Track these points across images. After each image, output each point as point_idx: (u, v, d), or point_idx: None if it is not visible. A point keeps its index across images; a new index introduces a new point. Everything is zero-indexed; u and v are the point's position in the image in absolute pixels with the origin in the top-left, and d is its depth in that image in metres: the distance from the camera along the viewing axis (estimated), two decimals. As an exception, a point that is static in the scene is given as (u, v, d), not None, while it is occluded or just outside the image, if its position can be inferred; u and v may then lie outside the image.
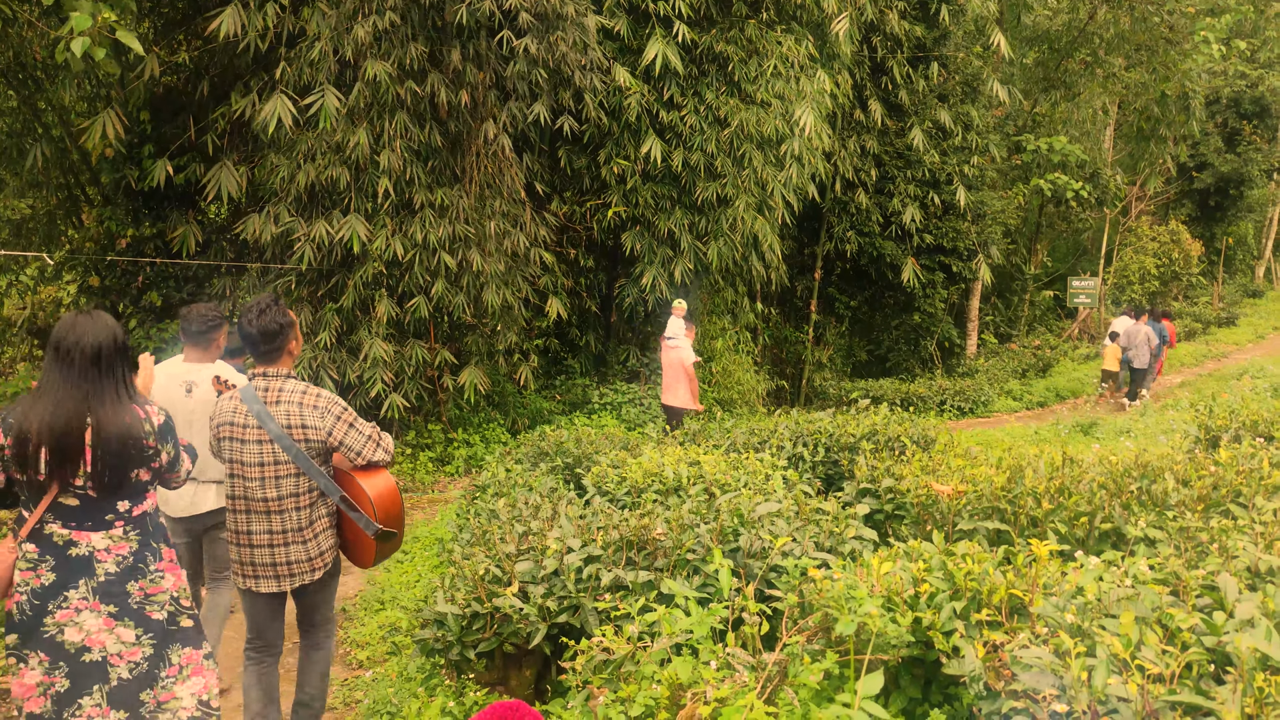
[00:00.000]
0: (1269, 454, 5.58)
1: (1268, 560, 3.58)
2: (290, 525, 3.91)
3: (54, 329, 3.28)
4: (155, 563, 3.45)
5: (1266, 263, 33.25)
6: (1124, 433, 12.51)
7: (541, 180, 12.48)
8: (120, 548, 3.36)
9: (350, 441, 3.91)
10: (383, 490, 3.98)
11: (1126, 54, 20.74)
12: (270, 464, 3.85)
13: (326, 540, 4.03)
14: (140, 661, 3.37)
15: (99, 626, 3.30)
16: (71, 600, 3.28)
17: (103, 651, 3.31)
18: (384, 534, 3.95)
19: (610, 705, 3.49)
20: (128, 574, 3.37)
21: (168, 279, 11.30)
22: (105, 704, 3.30)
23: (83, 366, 3.26)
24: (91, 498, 3.30)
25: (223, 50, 9.90)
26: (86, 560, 3.30)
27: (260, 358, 3.95)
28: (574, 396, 13.72)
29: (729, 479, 5.85)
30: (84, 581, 3.30)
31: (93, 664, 3.29)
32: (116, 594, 3.33)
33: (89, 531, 3.32)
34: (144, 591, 3.40)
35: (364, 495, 3.93)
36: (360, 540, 4.02)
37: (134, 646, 3.36)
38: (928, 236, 18.19)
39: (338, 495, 3.94)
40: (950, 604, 3.65)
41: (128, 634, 3.35)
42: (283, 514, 3.89)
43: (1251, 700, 2.59)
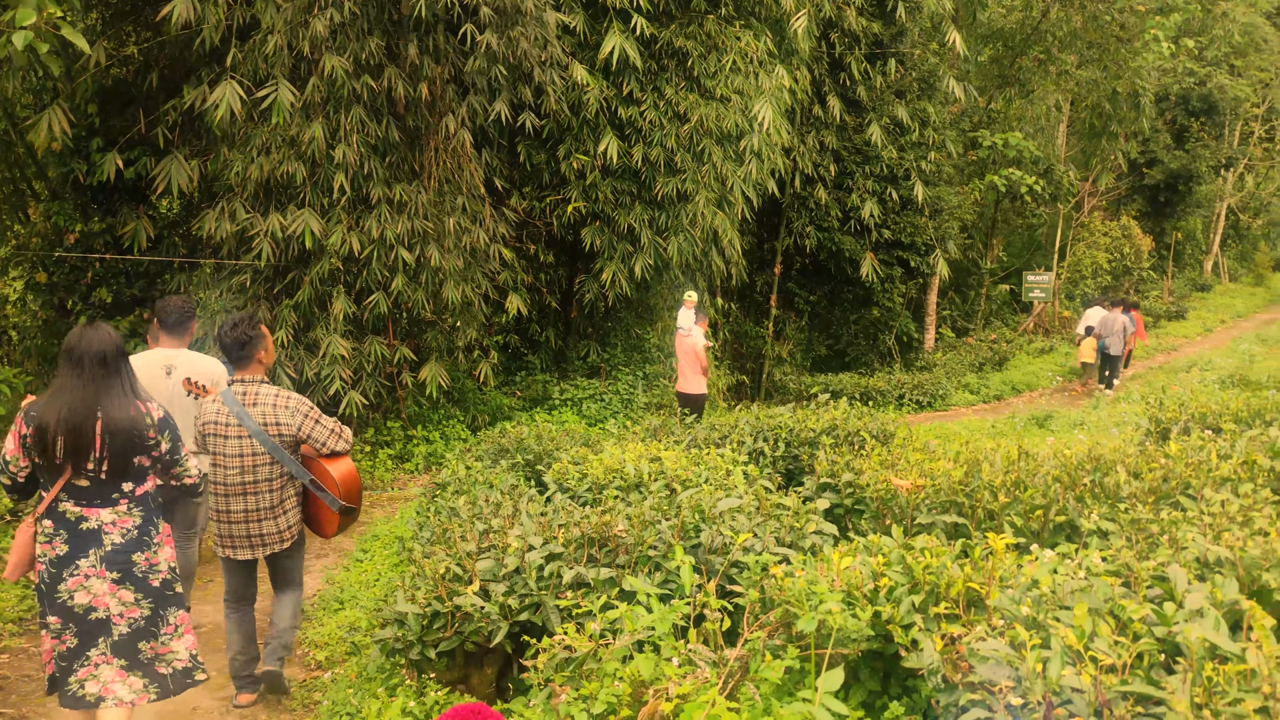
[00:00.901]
0: (1217, 446, 5.70)
1: (1216, 551, 3.65)
2: (264, 504, 4.78)
3: (66, 339, 3.94)
4: (155, 535, 4.09)
5: (1214, 257, 33.90)
6: (1077, 425, 12.72)
7: (500, 176, 12.41)
8: (125, 522, 3.98)
9: (316, 434, 4.80)
10: (345, 473, 4.88)
11: (1079, 51, 21.04)
12: (249, 455, 4.71)
13: (294, 516, 4.92)
14: (138, 619, 4.00)
15: (104, 590, 3.93)
16: (82, 568, 3.89)
17: (106, 611, 3.93)
18: (346, 509, 4.85)
19: (572, 703, 3.49)
20: (133, 545, 3.99)
21: (118, 275, 11.10)
22: (109, 653, 3.97)
23: (92, 369, 3.87)
24: (100, 479, 3.91)
25: (174, 42, 9.74)
26: (95, 533, 3.92)
27: (234, 363, 4.79)
28: (534, 393, 13.69)
29: (690, 475, 5.86)
30: (93, 551, 3.90)
31: (98, 621, 3.93)
32: (121, 562, 3.95)
33: (98, 508, 3.93)
34: (147, 561, 4.03)
35: (329, 477, 4.83)
36: (324, 515, 4.90)
37: (133, 606, 3.99)
38: (886, 232, 18.35)
39: (307, 478, 4.80)
40: (909, 598, 3.69)
41: (128, 596, 3.98)
42: (258, 494, 4.76)
43: (1201, 690, 2.65)
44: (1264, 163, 32.21)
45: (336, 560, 7.83)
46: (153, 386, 5.21)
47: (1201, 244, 33.67)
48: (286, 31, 9.14)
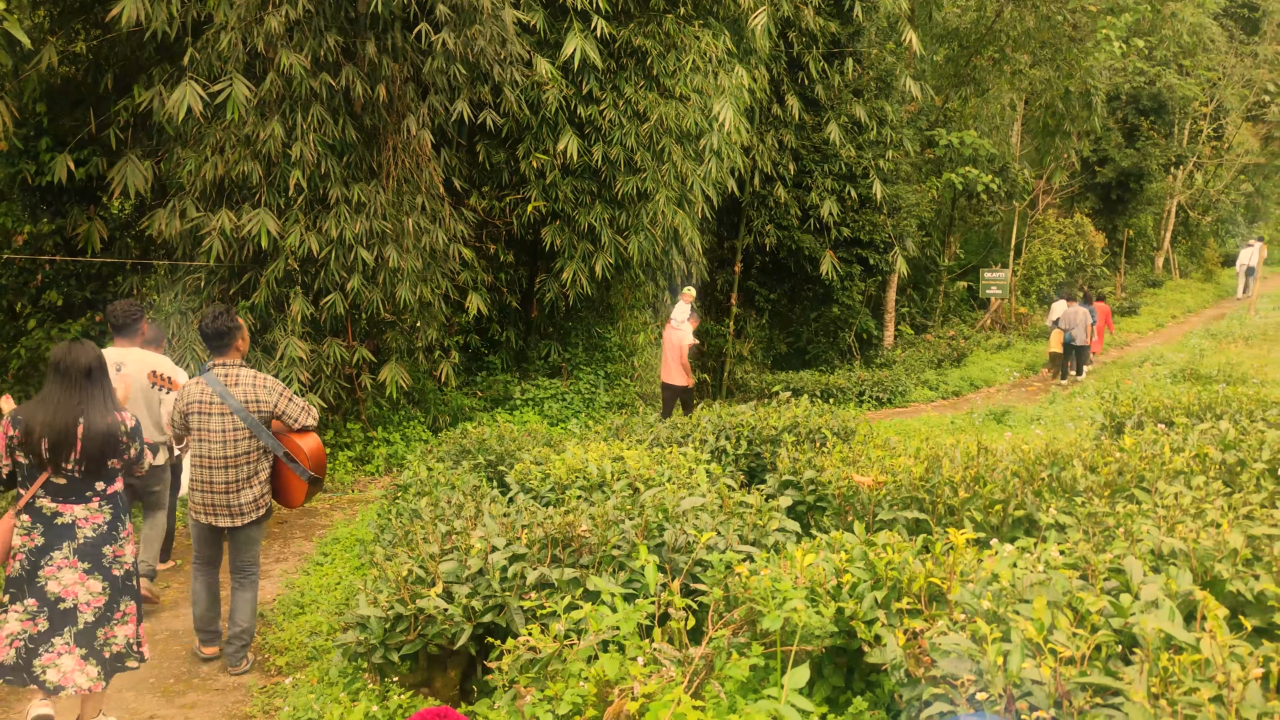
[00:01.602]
0: (1169, 440, 5.80)
1: (1170, 543, 3.72)
2: (242, 475, 5.35)
3: (53, 352, 4.45)
4: (123, 531, 4.59)
5: (1165, 254, 34.49)
6: (1035, 420, 12.89)
7: (460, 175, 12.34)
8: (96, 518, 4.46)
9: (290, 411, 5.40)
10: (313, 447, 5.50)
11: (1032, 51, 21.30)
12: (230, 430, 5.28)
13: (265, 487, 5.48)
14: (101, 608, 4.45)
15: (74, 580, 4.37)
16: (55, 559, 4.35)
17: (74, 600, 4.38)
18: (314, 479, 5.45)
19: (537, 704, 3.48)
20: (103, 539, 4.48)
21: (69, 277, 10.90)
22: (72, 642, 4.36)
23: (76, 380, 4.39)
24: (77, 478, 4.39)
25: (125, 40, 9.57)
26: (70, 527, 4.39)
27: (215, 351, 5.38)
28: (495, 393, 13.63)
29: (653, 474, 5.87)
30: (66, 544, 4.37)
31: (66, 610, 4.36)
32: (91, 554, 4.42)
33: (73, 504, 4.40)
34: (114, 553, 4.51)
35: (300, 450, 5.44)
36: (293, 484, 5.47)
37: (100, 596, 4.44)
38: (845, 230, 18.47)
39: (281, 451, 5.39)
40: (871, 594, 3.72)
41: (95, 585, 4.43)
42: (238, 467, 5.33)
43: (1157, 680, 2.69)
44: (1212, 161, 32.82)
45: (296, 564, 7.75)
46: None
47: (1153, 241, 34.24)
48: (241, 28, 9.01)
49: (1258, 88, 31.65)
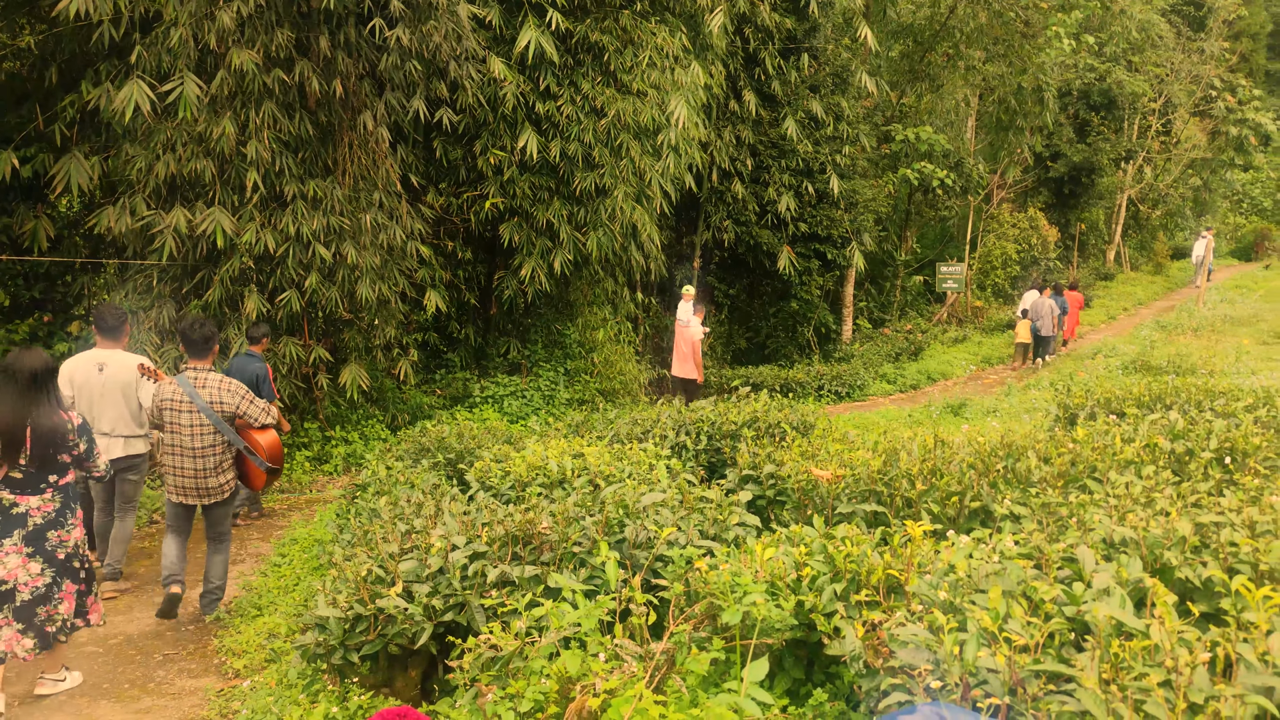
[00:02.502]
0: (1121, 430, 5.91)
1: (1121, 532, 3.79)
2: (209, 465, 6.09)
3: (4, 359, 4.91)
4: (70, 518, 5.12)
5: (1116, 247, 35.05)
6: (991, 413, 13.05)
7: (416, 172, 12.25)
8: (47, 507, 5.00)
9: (250, 411, 6.16)
10: (270, 441, 6.31)
11: (985, 47, 21.56)
12: (198, 425, 6.02)
13: (230, 473, 6.25)
14: (40, 588, 4.96)
15: (17, 564, 4.89)
16: (5, 545, 4.87)
17: (14, 581, 4.89)
18: (271, 469, 6.31)
19: (499, 702, 3.47)
20: (50, 525, 5.01)
21: (15, 276, 10.67)
22: (11, 617, 4.88)
23: (24, 384, 4.86)
24: (31, 472, 4.93)
25: (71, 35, 9.38)
26: (22, 516, 4.92)
27: (193, 354, 6.14)
28: (454, 391, 13.55)
29: (613, 470, 5.87)
30: (17, 531, 4.89)
31: (5, 591, 4.87)
32: (37, 540, 4.95)
33: (28, 495, 4.94)
34: (59, 538, 5.04)
35: (259, 445, 6.25)
36: (254, 473, 6.32)
37: (38, 577, 4.96)
38: (803, 225, 18.58)
39: (242, 445, 6.18)
40: (831, 586, 3.75)
41: (35, 568, 4.96)
42: (205, 457, 6.06)
43: (1108, 665, 2.74)
44: (1161, 155, 33.39)
45: (254, 565, 7.66)
46: (87, 380, 6.60)
47: (1104, 234, 34.78)
48: (191, 24, 8.88)
49: (1204, 83, 32.27)
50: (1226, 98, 31.14)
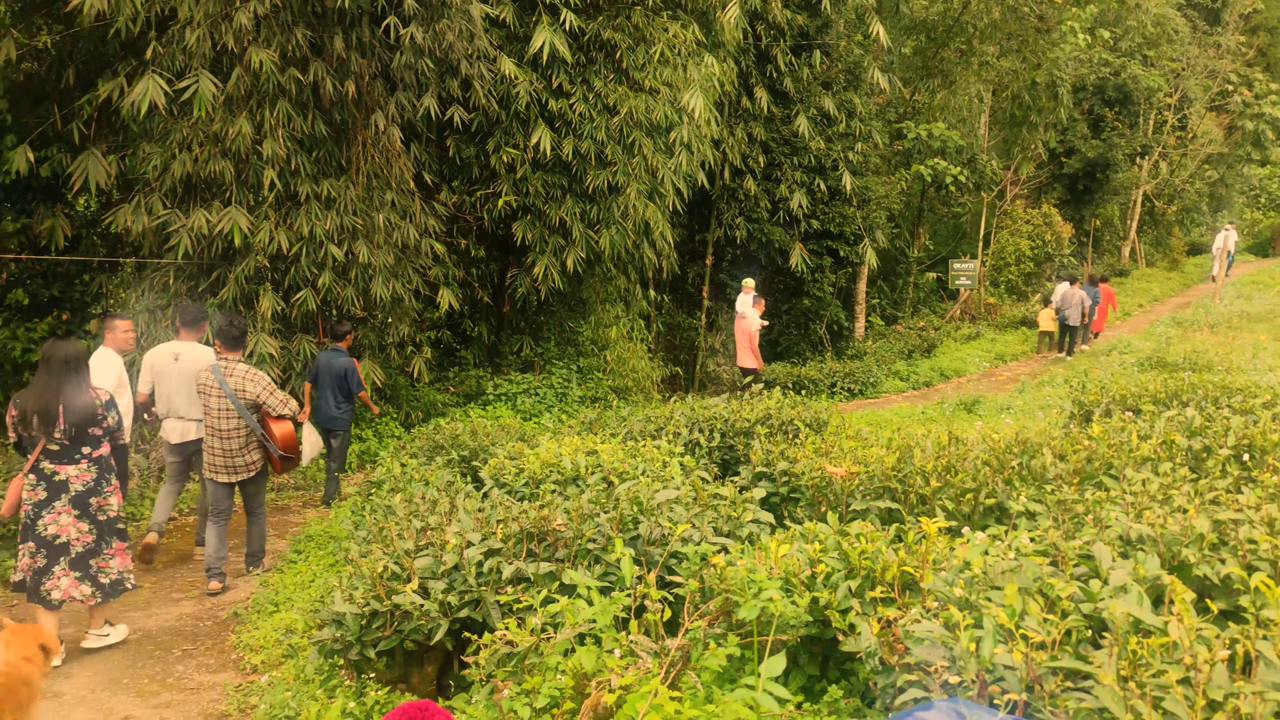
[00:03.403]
0: (1137, 427, 5.88)
1: (1138, 529, 3.78)
2: (235, 445, 6.84)
3: (43, 348, 5.64)
4: (107, 487, 5.79)
5: (1131, 243, 34.84)
6: (1005, 410, 13.01)
7: (430, 170, 12.27)
8: (85, 476, 5.66)
9: (270, 401, 6.84)
10: (284, 431, 6.95)
11: (999, 43, 21.44)
12: (225, 409, 6.76)
13: (256, 454, 6.96)
14: (90, 543, 5.68)
15: (69, 523, 5.60)
16: (55, 508, 5.58)
17: (68, 537, 5.61)
18: (284, 457, 6.97)
19: (515, 698, 3.49)
20: (90, 492, 5.68)
21: (35, 276, 10.75)
22: (68, 567, 5.61)
23: (58, 368, 5.53)
24: (66, 445, 5.57)
25: (89, 35, 9.44)
26: (64, 483, 5.60)
27: (227, 347, 6.87)
28: (468, 388, 13.58)
29: (627, 467, 5.88)
30: (63, 496, 5.59)
31: (61, 545, 5.59)
32: (81, 504, 5.64)
33: (66, 465, 5.60)
34: (99, 504, 5.73)
35: (272, 433, 6.90)
36: (271, 458, 7.00)
37: (86, 534, 5.67)
38: (815, 222, 18.54)
39: (259, 431, 6.86)
40: (845, 583, 3.75)
41: (83, 527, 5.66)
42: (231, 438, 6.82)
43: (1126, 662, 2.74)
44: (1177, 151, 33.18)
45: (270, 562, 7.69)
46: (165, 369, 7.37)
47: (1119, 230, 34.57)
48: (207, 23, 8.92)
49: (1221, 78, 32.04)
50: (1243, 92, 30.90)
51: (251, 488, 7.09)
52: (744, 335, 14.27)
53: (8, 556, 7.04)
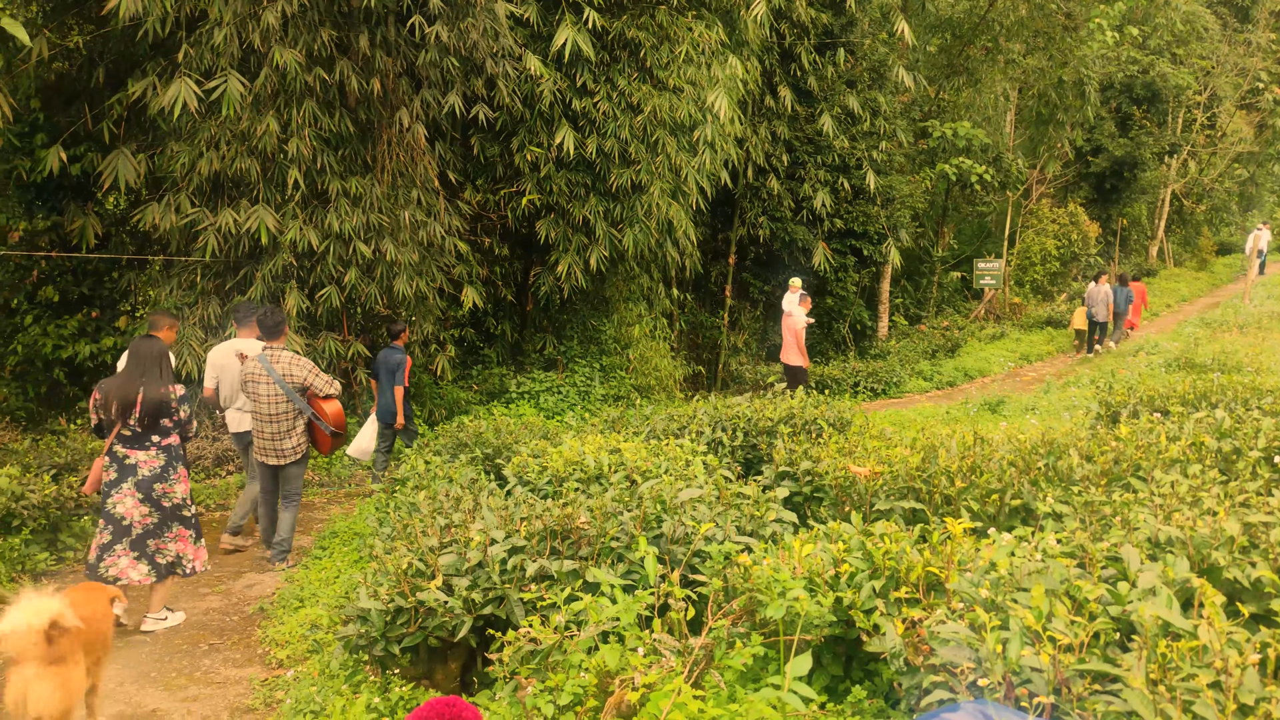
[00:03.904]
0: (1165, 428, 5.82)
1: (1167, 531, 3.74)
2: (283, 429, 7.24)
3: (130, 344, 6.13)
4: (173, 474, 6.16)
5: (1159, 243, 34.50)
6: (1030, 410, 12.92)
7: (454, 169, 12.32)
8: (153, 462, 6.07)
9: (316, 384, 7.26)
10: (334, 410, 7.39)
11: (1025, 40, 21.28)
12: (273, 395, 7.17)
13: (301, 437, 7.35)
14: (150, 525, 6.07)
15: (132, 505, 6.02)
16: (122, 489, 6.00)
17: (131, 519, 6.02)
18: (335, 434, 7.37)
19: (539, 695, 3.49)
20: (156, 478, 6.08)
21: (65, 273, 10.88)
22: (127, 547, 6.01)
23: (144, 362, 6.03)
24: (139, 432, 6.02)
25: (119, 35, 9.54)
26: (133, 467, 6.02)
27: (268, 337, 7.28)
28: (491, 386, 13.62)
29: (650, 466, 5.88)
30: (130, 479, 6.01)
31: (125, 526, 6.01)
32: (146, 489, 6.05)
33: (137, 450, 6.03)
34: (164, 490, 6.11)
35: (324, 412, 7.34)
36: (321, 437, 7.39)
37: (147, 517, 6.06)
38: (838, 221, 18.47)
39: (310, 412, 7.26)
40: (870, 583, 3.73)
41: (145, 510, 6.06)
42: (279, 422, 7.22)
43: (1155, 666, 2.71)
44: (1206, 149, 32.82)
45: (295, 558, 7.75)
46: (227, 364, 7.79)
47: (1147, 229, 34.23)
48: (235, 23, 8.99)
49: (1251, 75, 31.67)
50: (1274, 90, 30.54)
51: (292, 471, 7.42)
52: (791, 333, 14.50)
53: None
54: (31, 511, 7.35)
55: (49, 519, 7.51)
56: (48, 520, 7.50)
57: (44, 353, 10.63)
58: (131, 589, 6.35)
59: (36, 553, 7.29)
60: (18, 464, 8.06)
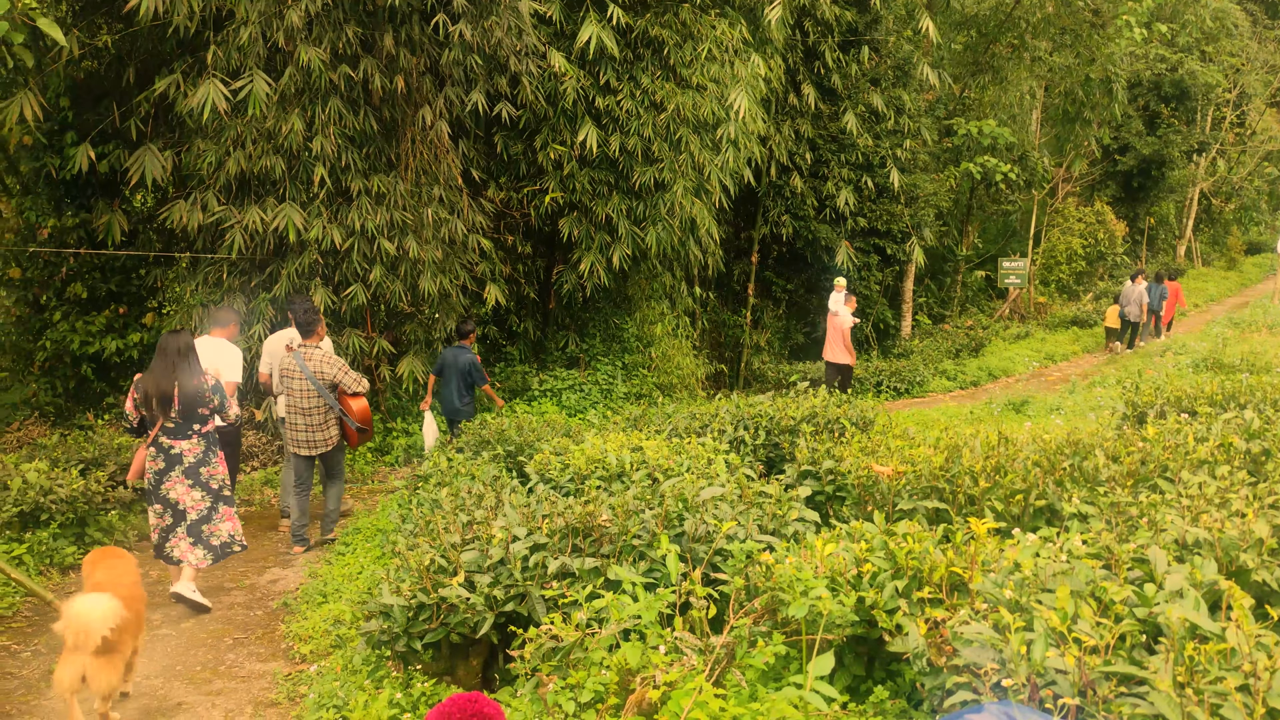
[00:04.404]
0: (1193, 429, 5.76)
1: (1194, 533, 3.70)
2: (315, 422, 7.60)
3: (160, 339, 6.38)
4: (214, 459, 6.55)
5: (1187, 242, 34.17)
6: (1054, 410, 12.82)
7: (478, 166, 12.35)
8: (196, 449, 6.41)
9: (345, 381, 7.57)
10: (360, 407, 7.69)
11: (1052, 38, 21.11)
12: (307, 390, 7.53)
13: (333, 429, 7.72)
14: (204, 510, 6.46)
15: (184, 492, 6.39)
16: (172, 477, 6.36)
17: (185, 505, 6.40)
18: (361, 430, 7.71)
19: (560, 692, 3.50)
20: (200, 463, 6.44)
21: (93, 270, 10.99)
22: (185, 533, 6.41)
23: (172, 357, 6.28)
24: (180, 422, 6.33)
25: (146, 34, 9.62)
26: (179, 455, 6.36)
27: (304, 335, 7.61)
28: (514, 384, 13.66)
29: (672, 464, 5.88)
30: (177, 468, 6.36)
31: (181, 511, 6.40)
32: (193, 474, 6.41)
33: (180, 440, 6.35)
34: (209, 473, 6.49)
35: (350, 409, 7.64)
36: (349, 432, 7.75)
37: (199, 501, 6.44)
38: (862, 219, 18.40)
39: (337, 408, 7.60)
40: (892, 583, 3.72)
41: (197, 494, 6.44)
42: (312, 414, 7.58)
43: (1183, 669, 2.68)
44: (1235, 148, 32.48)
45: (319, 554, 7.80)
46: (277, 353, 8.12)
47: (1175, 229, 33.91)
48: (260, 22, 9.04)
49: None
50: (1305, 88, 30.15)
51: (331, 458, 7.87)
52: (837, 332, 14.67)
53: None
54: (59, 505, 7.43)
55: (76, 513, 7.59)
56: (75, 514, 7.59)
57: (72, 349, 10.75)
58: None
59: (64, 546, 7.36)
60: (46, 459, 8.16)
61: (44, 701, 5.19)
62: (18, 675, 5.52)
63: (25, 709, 5.10)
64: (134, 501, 8.49)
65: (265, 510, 9.39)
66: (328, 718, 4.62)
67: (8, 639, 6.04)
